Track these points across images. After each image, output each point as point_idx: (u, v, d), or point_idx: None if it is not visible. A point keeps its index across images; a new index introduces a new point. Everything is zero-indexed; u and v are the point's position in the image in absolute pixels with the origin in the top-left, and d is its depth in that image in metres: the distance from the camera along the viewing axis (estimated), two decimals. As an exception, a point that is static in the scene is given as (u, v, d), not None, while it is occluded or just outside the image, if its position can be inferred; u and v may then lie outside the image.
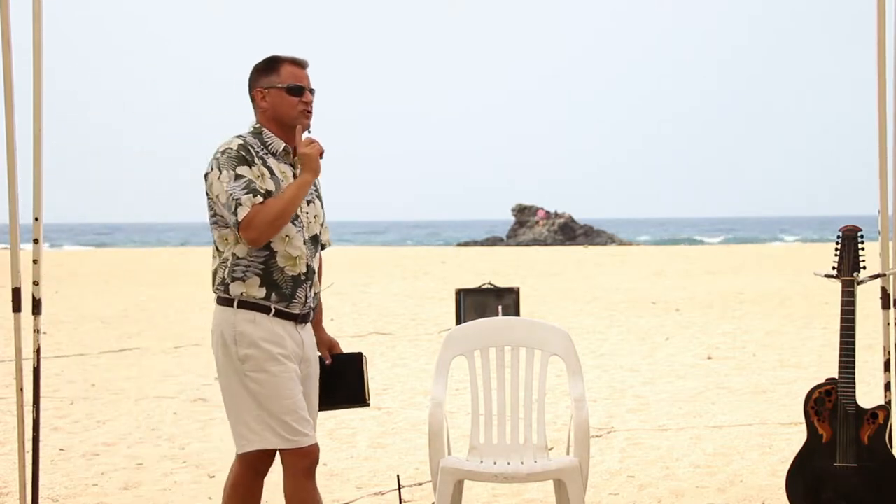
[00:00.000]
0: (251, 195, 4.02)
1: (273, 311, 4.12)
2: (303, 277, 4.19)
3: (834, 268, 5.01)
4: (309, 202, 4.29)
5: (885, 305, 5.05)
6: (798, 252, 38.53)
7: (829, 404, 4.92)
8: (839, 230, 5.03)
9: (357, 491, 6.19)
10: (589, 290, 20.65)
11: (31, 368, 4.94)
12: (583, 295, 19.54)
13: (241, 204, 4.01)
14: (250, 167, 4.08)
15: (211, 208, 4.15)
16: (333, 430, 7.85)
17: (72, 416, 8.38)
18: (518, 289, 12.94)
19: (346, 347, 12.55)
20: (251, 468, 4.36)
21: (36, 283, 4.86)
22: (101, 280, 24.83)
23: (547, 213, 59.69)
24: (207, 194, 4.15)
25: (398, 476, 5.25)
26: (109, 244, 76.38)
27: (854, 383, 4.89)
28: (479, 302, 12.48)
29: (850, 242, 4.99)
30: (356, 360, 4.48)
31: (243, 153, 4.10)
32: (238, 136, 4.19)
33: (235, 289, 4.10)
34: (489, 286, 13.05)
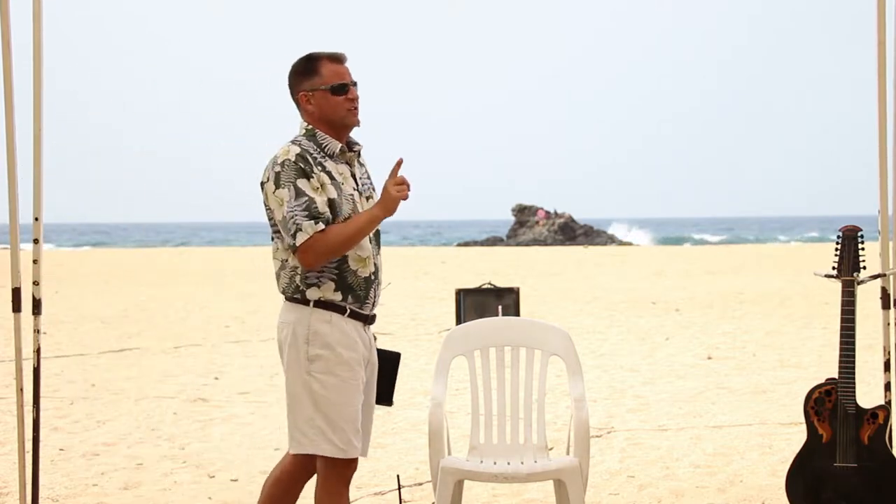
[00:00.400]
0: (312, 221, 3.99)
1: (348, 311, 4.12)
2: (373, 277, 4.21)
3: (834, 268, 5.01)
4: (368, 198, 4.24)
5: (885, 305, 5.05)
6: (798, 252, 38.53)
7: (829, 404, 4.92)
8: (839, 230, 5.03)
9: (357, 491, 6.19)
10: (589, 290, 20.65)
11: (31, 368, 4.94)
12: (583, 295, 19.54)
13: (300, 229, 3.99)
14: (309, 179, 4.03)
15: (270, 218, 4.13)
16: (333, 430, 7.85)
17: (72, 416, 8.38)
18: (518, 289, 12.94)
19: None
20: (303, 467, 4.30)
21: (36, 283, 4.86)
22: (101, 280, 24.83)
23: (547, 213, 59.67)
24: (265, 204, 4.13)
25: (398, 476, 5.25)
26: (109, 244, 76.38)
27: (854, 383, 4.89)
28: (479, 302, 12.49)
29: (850, 242, 4.99)
30: (394, 359, 4.42)
31: (301, 164, 4.04)
32: (294, 143, 4.12)
33: (312, 294, 4.10)
34: (489, 286, 13.05)
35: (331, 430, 4.06)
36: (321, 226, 3.99)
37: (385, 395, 4.39)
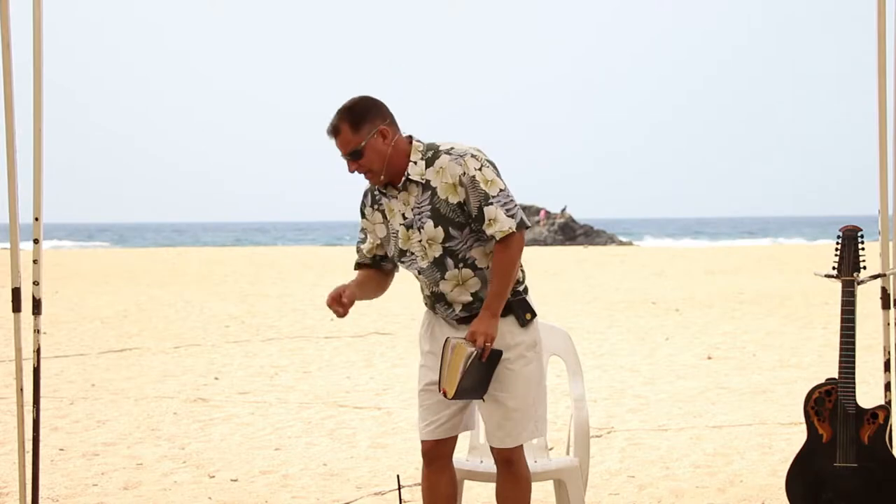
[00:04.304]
0: (357, 256, 4.46)
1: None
2: (435, 298, 4.32)
3: (834, 268, 5.01)
4: (418, 229, 4.21)
5: (885, 305, 5.05)
6: (798, 252, 38.53)
7: (829, 404, 4.92)
8: (839, 230, 5.03)
9: (357, 491, 6.19)
10: (589, 290, 20.66)
11: (31, 368, 4.94)
12: (583, 295, 19.55)
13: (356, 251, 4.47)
14: (362, 217, 4.38)
15: None
16: (334, 430, 7.86)
17: (72, 416, 8.38)
18: (518, 289, 12.92)
19: (347, 347, 12.48)
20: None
21: (36, 283, 4.85)
22: (101, 280, 24.83)
23: (548, 213, 59.69)
24: None
25: (398, 476, 5.24)
26: (111, 244, 76.36)
27: (854, 383, 4.89)
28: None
29: (850, 242, 4.99)
30: (496, 357, 4.20)
31: (361, 204, 4.40)
32: None
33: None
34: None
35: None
36: (356, 263, 4.46)
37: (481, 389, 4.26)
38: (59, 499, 6.03)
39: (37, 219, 4.84)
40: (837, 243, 5.01)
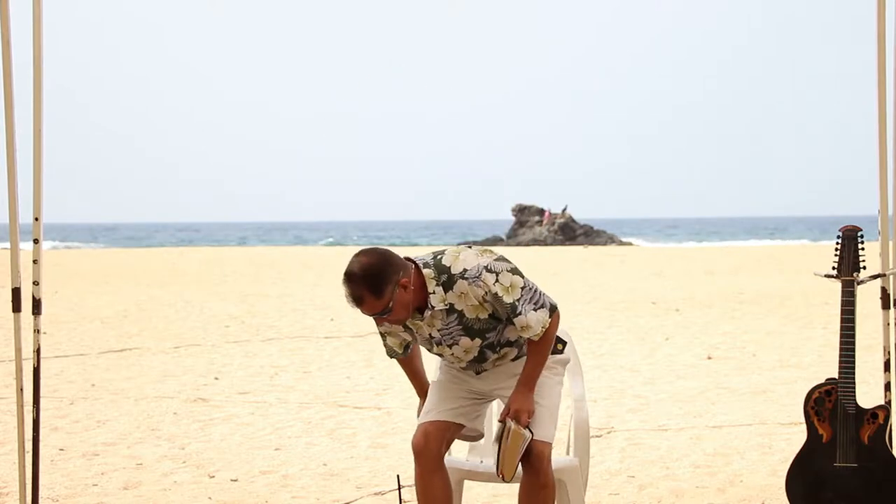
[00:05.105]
0: (387, 350, 4.68)
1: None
2: (474, 370, 4.48)
3: (834, 268, 5.01)
4: (451, 345, 4.37)
5: (885, 305, 5.05)
6: (798, 252, 38.53)
7: (829, 404, 4.92)
8: (839, 230, 5.03)
9: (357, 491, 6.19)
10: (589, 290, 20.66)
11: (31, 368, 4.94)
12: (583, 295, 19.55)
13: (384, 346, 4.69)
14: (379, 323, 4.48)
15: None
16: (333, 430, 7.86)
17: (72, 416, 8.38)
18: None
19: (347, 347, 12.46)
20: None
21: (36, 283, 4.86)
22: (101, 280, 24.83)
23: (551, 213, 59.79)
24: None
25: (398, 476, 5.24)
26: (109, 244, 76.38)
27: (854, 383, 4.89)
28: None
29: (850, 242, 4.99)
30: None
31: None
32: None
33: None
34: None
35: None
36: (389, 351, 4.68)
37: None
38: (59, 499, 6.03)
39: (37, 219, 4.84)
40: (837, 243, 5.01)
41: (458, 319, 4.27)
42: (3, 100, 4.77)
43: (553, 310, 4.29)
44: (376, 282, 4.13)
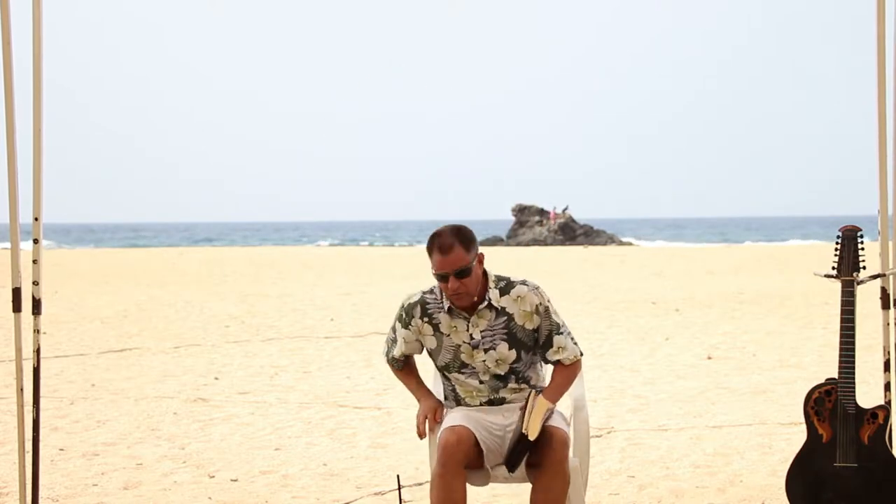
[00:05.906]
0: (386, 352, 4.83)
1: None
2: (490, 402, 4.65)
3: (834, 268, 5.01)
4: (487, 350, 4.57)
5: (885, 305, 5.05)
6: (798, 252, 38.53)
7: (829, 404, 4.92)
8: (839, 230, 5.03)
9: (357, 491, 6.19)
10: (589, 290, 20.66)
11: (31, 368, 4.94)
12: (583, 295, 19.55)
13: (386, 351, 4.85)
14: (405, 328, 4.67)
15: None
16: (333, 430, 7.86)
17: (72, 416, 8.38)
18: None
19: (347, 347, 12.46)
20: None
21: (36, 283, 4.86)
22: (101, 280, 24.83)
23: (556, 213, 59.87)
24: None
25: (398, 476, 5.25)
26: (109, 244, 76.38)
27: (854, 383, 4.89)
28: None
29: (850, 242, 4.99)
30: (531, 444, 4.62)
31: (404, 314, 4.67)
32: (421, 292, 4.68)
33: None
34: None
35: None
36: (390, 357, 4.82)
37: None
38: (59, 499, 6.03)
39: (37, 219, 4.84)
40: (837, 243, 5.01)
41: (506, 323, 4.57)
42: (3, 100, 4.77)
43: (581, 353, 4.70)
44: (467, 240, 4.49)
